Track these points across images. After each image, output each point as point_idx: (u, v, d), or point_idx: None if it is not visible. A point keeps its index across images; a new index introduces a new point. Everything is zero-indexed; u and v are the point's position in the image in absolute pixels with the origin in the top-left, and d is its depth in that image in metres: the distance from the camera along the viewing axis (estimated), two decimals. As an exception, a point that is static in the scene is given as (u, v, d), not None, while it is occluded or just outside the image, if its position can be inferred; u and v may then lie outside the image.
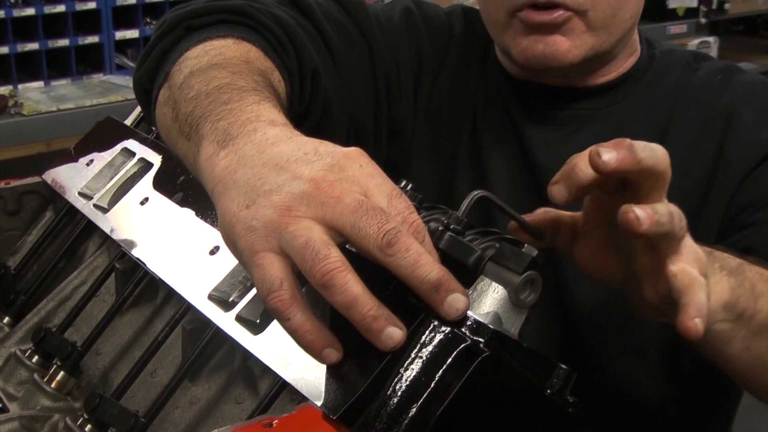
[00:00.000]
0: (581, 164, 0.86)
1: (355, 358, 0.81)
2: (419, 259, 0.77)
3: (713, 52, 4.64)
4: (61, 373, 1.07)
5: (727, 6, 4.89)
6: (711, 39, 4.66)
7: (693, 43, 4.50)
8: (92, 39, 3.35)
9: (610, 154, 0.82)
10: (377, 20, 1.39)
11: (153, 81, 1.12)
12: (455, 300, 0.78)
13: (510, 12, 1.24)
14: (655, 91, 1.34)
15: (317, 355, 0.78)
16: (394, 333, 0.76)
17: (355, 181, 0.79)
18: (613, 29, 1.26)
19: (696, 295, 0.84)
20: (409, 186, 0.97)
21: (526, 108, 1.36)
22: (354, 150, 0.82)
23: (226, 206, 0.81)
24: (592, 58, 1.26)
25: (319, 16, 1.30)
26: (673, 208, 0.85)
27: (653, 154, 0.84)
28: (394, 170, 0.91)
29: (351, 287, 0.76)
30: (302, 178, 0.79)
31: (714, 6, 4.79)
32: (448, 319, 0.78)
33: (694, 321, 0.83)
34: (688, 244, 0.88)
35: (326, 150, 0.82)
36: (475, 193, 0.89)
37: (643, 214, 0.81)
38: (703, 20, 4.63)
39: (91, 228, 1.26)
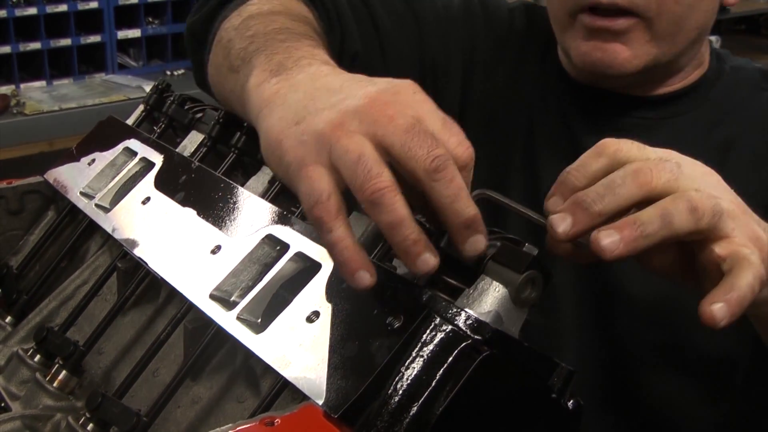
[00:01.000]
0: (574, 173, 0.85)
1: (356, 356, 0.81)
2: (460, 193, 0.77)
3: (715, 51, 4.64)
4: (63, 372, 1.07)
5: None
6: (713, 38, 4.66)
7: (695, 42, 4.51)
8: (94, 38, 3.36)
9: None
10: (434, 6, 1.38)
11: (208, 25, 1.11)
12: (478, 241, 0.79)
13: (570, 13, 1.22)
14: (720, 109, 1.30)
15: (351, 275, 0.77)
16: (430, 259, 0.77)
17: (409, 105, 0.79)
18: (678, 39, 1.22)
19: (735, 277, 0.79)
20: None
21: (584, 113, 1.33)
22: (408, 80, 0.81)
23: (273, 124, 0.81)
24: (653, 68, 1.23)
25: None
26: (680, 205, 0.80)
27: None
28: None
29: (399, 208, 0.75)
30: (356, 96, 0.78)
31: (716, 5, 4.79)
32: (466, 255, 0.79)
33: (711, 307, 0.79)
34: (741, 223, 0.83)
35: (380, 79, 0.82)
36: (477, 192, 0.89)
37: (610, 240, 0.79)
38: (705, 19, 4.62)
39: (93, 227, 1.26)
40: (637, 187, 0.82)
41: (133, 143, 1.29)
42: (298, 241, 0.96)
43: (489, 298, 0.85)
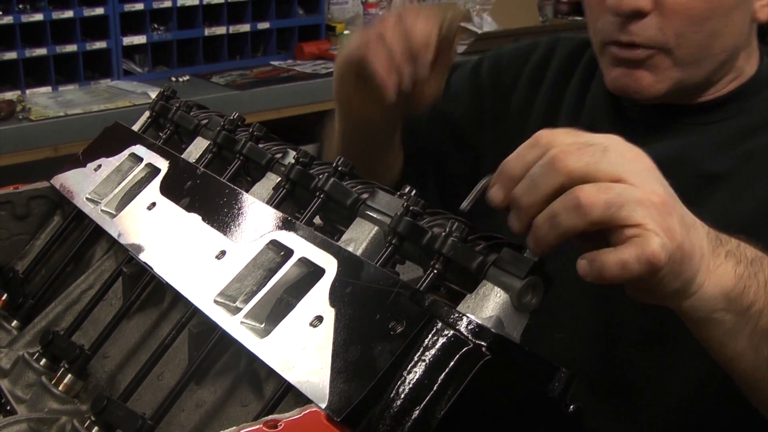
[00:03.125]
0: (511, 163, 0.88)
1: (359, 361, 0.82)
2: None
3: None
4: (69, 375, 1.08)
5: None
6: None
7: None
8: (100, 44, 3.37)
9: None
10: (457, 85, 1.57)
11: None
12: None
13: (602, 44, 1.31)
14: (756, 116, 1.32)
15: None
16: None
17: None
18: (704, 63, 1.27)
19: (614, 250, 0.83)
20: (413, 192, 0.98)
21: (627, 123, 1.37)
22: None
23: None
24: (682, 88, 1.28)
25: None
26: (566, 203, 0.83)
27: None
28: None
29: None
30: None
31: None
32: None
33: (579, 260, 0.84)
34: (655, 213, 0.84)
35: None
36: (485, 181, 0.91)
37: (530, 242, 0.86)
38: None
39: (99, 232, 1.27)
40: (554, 174, 0.84)
41: (138, 149, 1.30)
42: (302, 247, 0.97)
43: (490, 303, 0.86)
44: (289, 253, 0.98)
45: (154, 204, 1.18)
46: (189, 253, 1.07)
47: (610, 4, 1.25)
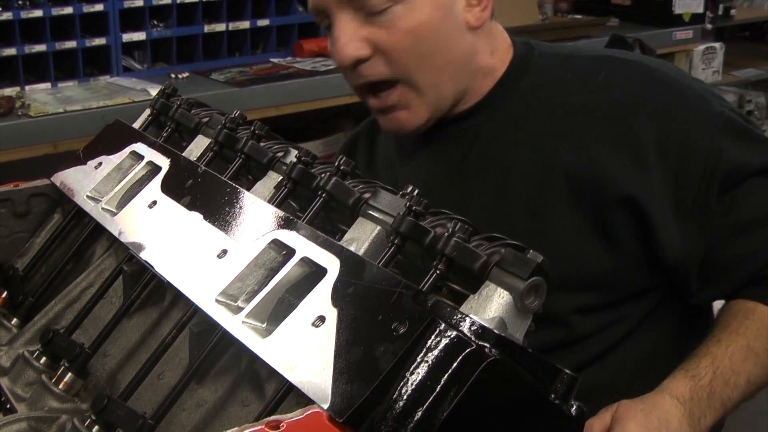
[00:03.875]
0: None
1: (361, 361, 0.81)
2: None
3: (719, 58, 4.63)
4: (69, 374, 1.08)
5: (732, 12, 4.88)
6: (717, 45, 4.65)
7: (698, 49, 4.50)
8: (99, 41, 3.35)
9: None
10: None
11: None
12: None
13: (361, 97, 1.41)
14: (518, 104, 1.41)
15: None
16: None
17: None
18: (442, 82, 1.37)
19: None
20: (416, 191, 0.98)
21: (406, 143, 1.51)
22: None
23: None
24: (436, 112, 1.38)
25: None
26: None
27: None
28: None
29: None
30: None
31: (720, 12, 4.79)
32: None
33: None
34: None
35: None
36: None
37: None
38: (708, 26, 4.61)
39: (99, 231, 1.26)
40: None
41: (139, 147, 1.30)
42: (304, 246, 0.97)
43: (493, 304, 0.86)
44: (291, 252, 0.98)
45: (155, 202, 1.17)
46: (190, 252, 1.07)
47: (337, 62, 1.36)
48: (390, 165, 1.56)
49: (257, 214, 1.06)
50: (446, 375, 0.77)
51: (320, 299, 0.90)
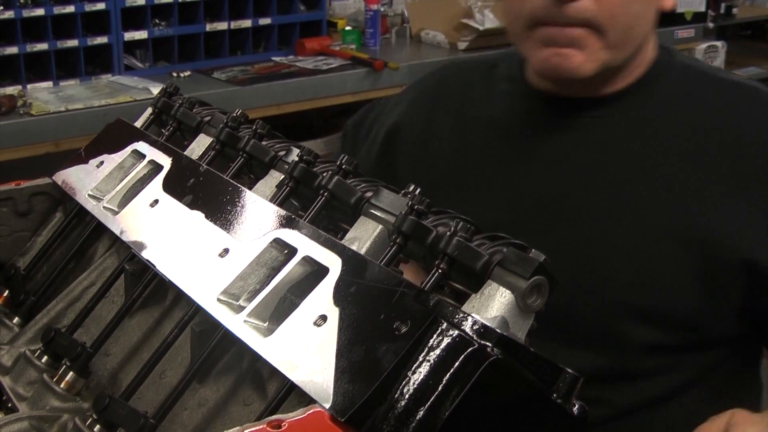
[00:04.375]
0: None
1: (363, 361, 0.81)
2: None
3: (720, 56, 4.63)
4: (71, 373, 1.08)
5: (734, 11, 4.89)
6: (718, 43, 4.65)
7: (700, 48, 4.50)
8: (101, 40, 3.36)
9: None
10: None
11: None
12: None
13: (530, 25, 1.30)
14: (660, 102, 1.37)
15: None
16: None
17: None
18: (627, 46, 1.31)
19: None
20: (417, 190, 0.98)
21: (536, 119, 1.42)
22: None
23: None
24: (605, 71, 1.31)
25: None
26: None
27: None
28: None
29: None
30: None
31: (722, 11, 4.79)
32: None
33: None
34: None
35: None
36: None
37: None
38: (710, 25, 4.62)
39: (101, 229, 1.26)
40: None
41: (141, 146, 1.30)
42: (305, 245, 0.97)
43: (495, 303, 0.85)
44: (292, 251, 0.98)
45: (156, 201, 1.17)
46: (192, 251, 1.07)
47: None
48: (497, 126, 1.45)
49: (259, 213, 1.06)
50: (448, 374, 0.77)
51: (322, 298, 0.89)
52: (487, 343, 0.78)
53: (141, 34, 3.44)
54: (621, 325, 1.30)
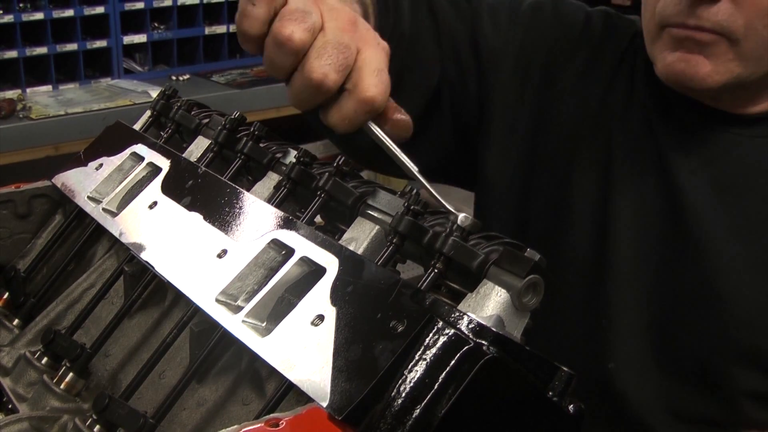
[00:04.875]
0: None
1: (360, 359, 0.82)
2: None
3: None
4: (70, 374, 1.08)
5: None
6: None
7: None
8: (100, 43, 3.37)
9: None
10: (497, 5, 1.43)
11: None
12: None
13: (660, 25, 1.22)
14: None
15: None
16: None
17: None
18: (765, 62, 1.19)
19: None
20: (414, 191, 0.98)
21: (671, 123, 1.31)
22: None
23: None
24: (738, 85, 1.21)
25: None
26: None
27: None
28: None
29: None
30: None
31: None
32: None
33: None
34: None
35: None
36: None
37: None
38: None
39: (100, 231, 1.27)
40: None
41: (140, 148, 1.30)
42: (303, 246, 0.98)
43: (491, 302, 0.86)
44: (290, 252, 0.98)
45: (155, 203, 1.18)
46: (190, 252, 1.08)
47: None
48: (648, 118, 1.33)
49: (257, 215, 1.07)
50: (444, 372, 0.77)
51: (319, 298, 0.90)
52: (483, 342, 0.79)
53: (140, 38, 3.45)
54: (729, 366, 1.23)
